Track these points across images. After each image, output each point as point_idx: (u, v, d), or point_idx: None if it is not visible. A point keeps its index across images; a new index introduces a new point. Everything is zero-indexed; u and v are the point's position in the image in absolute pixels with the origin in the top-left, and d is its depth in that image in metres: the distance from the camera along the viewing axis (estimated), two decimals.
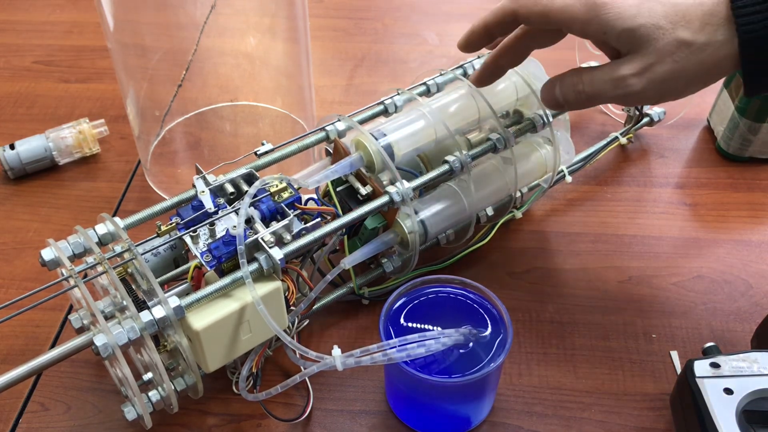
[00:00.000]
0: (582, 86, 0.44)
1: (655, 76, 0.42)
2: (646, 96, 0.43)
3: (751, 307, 0.55)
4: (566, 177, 0.62)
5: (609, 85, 0.43)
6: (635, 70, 0.42)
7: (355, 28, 0.88)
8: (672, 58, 0.41)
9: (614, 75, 0.42)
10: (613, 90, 0.43)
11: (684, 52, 0.41)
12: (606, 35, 0.42)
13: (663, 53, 0.41)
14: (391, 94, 0.56)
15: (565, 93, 0.46)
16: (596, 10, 0.42)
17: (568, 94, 0.45)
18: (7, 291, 0.58)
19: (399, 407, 0.49)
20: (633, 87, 0.42)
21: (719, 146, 0.68)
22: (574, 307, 0.55)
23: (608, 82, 0.43)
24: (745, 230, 0.61)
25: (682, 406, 0.45)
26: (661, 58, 0.41)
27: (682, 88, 0.43)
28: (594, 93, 0.44)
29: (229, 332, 0.44)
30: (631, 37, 0.41)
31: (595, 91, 0.44)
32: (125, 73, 0.64)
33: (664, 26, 0.41)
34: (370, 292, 0.55)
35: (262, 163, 0.51)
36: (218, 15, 0.65)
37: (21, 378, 0.40)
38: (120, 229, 0.44)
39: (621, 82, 0.42)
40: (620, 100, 0.44)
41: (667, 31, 0.41)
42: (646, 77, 0.42)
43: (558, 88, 0.46)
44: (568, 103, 0.46)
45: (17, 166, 0.67)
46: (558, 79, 0.46)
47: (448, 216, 0.54)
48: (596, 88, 0.44)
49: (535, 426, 0.48)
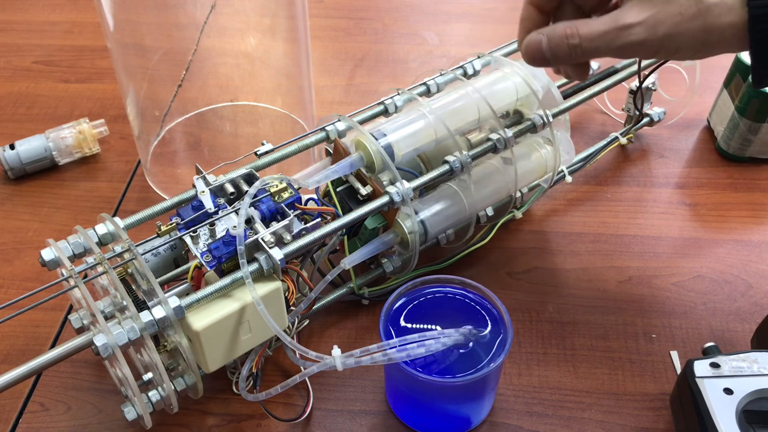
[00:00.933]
0: (577, 40, 0.42)
1: (659, 26, 0.40)
2: (645, 47, 0.41)
3: (751, 307, 0.55)
4: (566, 177, 0.62)
5: (611, 35, 0.41)
6: (641, 17, 0.40)
7: (355, 28, 0.88)
8: (679, 10, 0.39)
9: (618, 23, 0.41)
10: (614, 40, 0.41)
11: (693, 7, 0.39)
12: None
13: (674, 5, 0.39)
14: (391, 94, 0.56)
15: (556, 48, 0.43)
16: None
17: (559, 49, 0.43)
18: (7, 291, 0.58)
19: (399, 407, 0.49)
20: (635, 36, 0.40)
21: (719, 146, 0.68)
22: (574, 307, 0.55)
23: (610, 32, 0.41)
24: (745, 230, 0.61)
25: (682, 406, 0.45)
26: (671, 9, 0.39)
27: (680, 46, 0.41)
28: (592, 47, 0.42)
29: (229, 332, 0.44)
30: None
31: (594, 44, 0.42)
32: (125, 73, 0.64)
33: None
34: (370, 292, 0.55)
35: (262, 163, 0.51)
36: (218, 15, 0.65)
37: (21, 378, 0.40)
38: (120, 229, 0.44)
39: (624, 32, 0.40)
40: (618, 52, 0.42)
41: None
42: (650, 25, 0.40)
43: (546, 42, 0.43)
44: (556, 59, 0.43)
45: (17, 166, 0.67)
46: (546, 32, 0.43)
47: (448, 216, 0.54)
48: (595, 40, 0.41)
49: (535, 426, 0.48)
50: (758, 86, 0.42)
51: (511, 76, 0.56)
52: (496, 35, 0.84)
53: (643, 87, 0.63)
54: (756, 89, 0.42)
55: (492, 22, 0.88)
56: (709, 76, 0.74)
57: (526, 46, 0.44)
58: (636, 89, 0.64)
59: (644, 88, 0.64)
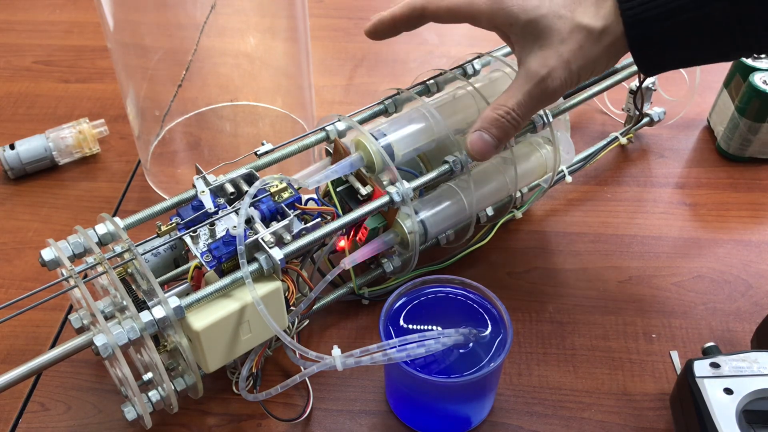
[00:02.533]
0: (512, 113, 0.44)
1: (570, 63, 0.43)
2: (568, 85, 0.44)
3: (751, 307, 0.55)
4: (566, 177, 0.62)
5: (536, 91, 0.44)
6: (551, 63, 0.43)
7: (355, 28, 0.88)
8: (578, 44, 0.42)
9: (535, 78, 0.43)
10: (542, 93, 0.44)
11: (587, 38, 0.42)
12: (512, 27, 0.44)
13: (568, 40, 0.42)
14: (391, 94, 0.56)
15: (499, 132, 0.45)
16: (500, 3, 0.43)
17: (502, 130, 0.45)
18: (7, 291, 0.58)
19: (399, 407, 0.49)
20: (557, 80, 0.43)
21: (719, 146, 0.68)
22: (574, 307, 0.55)
23: (534, 89, 0.44)
24: (745, 230, 0.61)
25: (682, 406, 0.45)
26: (568, 45, 0.42)
27: (596, 69, 0.44)
28: (527, 110, 0.45)
29: (229, 332, 0.44)
30: (536, 27, 0.43)
31: (527, 107, 0.44)
32: (125, 73, 0.64)
33: (564, 15, 0.42)
34: (370, 292, 0.55)
35: (262, 163, 0.51)
36: (218, 15, 0.65)
37: (21, 378, 0.40)
38: (120, 229, 0.44)
39: (545, 82, 0.43)
40: (548, 100, 0.45)
41: (568, 18, 0.42)
42: (563, 67, 0.43)
43: (488, 134, 0.45)
44: (504, 139, 0.46)
45: (17, 166, 0.67)
46: (480, 125, 0.46)
47: (448, 216, 0.54)
48: (526, 103, 0.44)
49: (535, 426, 0.48)
50: (646, 74, 0.46)
51: (511, 76, 0.56)
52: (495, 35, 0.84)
53: (643, 87, 0.63)
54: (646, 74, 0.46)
55: None
56: (709, 76, 0.74)
57: (472, 148, 0.46)
58: (636, 89, 0.64)
59: (644, 88, 0.64)
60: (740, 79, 0.64)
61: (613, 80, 0.63)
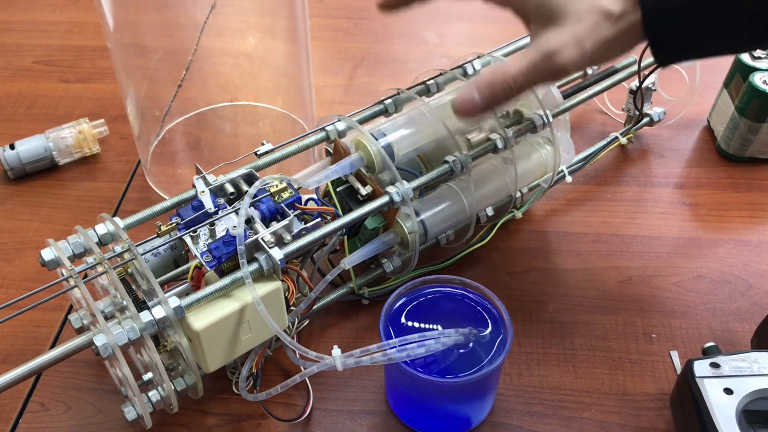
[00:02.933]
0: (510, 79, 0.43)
1: (584, 42, 0.42)
2: (577, 65, 0.42)
3: (751, 307, 0.55)
4: (566, 177, 0.62)
5: (542, 64, 0.42)
6: (564, 38, 0.42)
7: (355, 28, 0.88)
8: (595, 25, 0.41)
9: (545, 51, 0.42)
10: (547, 67, 0.42)
11: (604, 19, 0.41)
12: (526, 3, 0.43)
13: (584, 19, 0.41)
14: (391, 94, 0.56)
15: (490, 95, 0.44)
16: None
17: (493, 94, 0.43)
18: (7, 291, 0.58)
19: (399, 407, 0.49)
20: (567, 57, 0.42)
21: (719, 146, 0.68)
22: (574, 307, 0.55)
23: (540, 61, 0.42)
24: (745, 230, 0.61)
25: (682, 406, 0.45)
26: (583, 24, 0.41)
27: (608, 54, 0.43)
28: (527, 80, 0.43)
29: (229, 332, 0.44)
30: (551, 4, 0.42)
31: (528, 77, 0.43)
32: (125, 73, 0.64)
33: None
34: (370, 292, 0.55)
35: (262, 163, 0.51)
36: (218, 15, 0.65)
37: (21, 378, 0.40)
38: (120, 229, 0.44)
39: (554, 56, 0.42)
40: (551, 77, 0.43)
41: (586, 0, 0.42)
42: (576, 44, 0.42)
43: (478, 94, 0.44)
44: (493, 103, 0.44)
45: (17, 166, 0.67)
46: (475, 82, 0.44)
47: (448, 216, 0.54)
48: (528, 72, 0.43)
49: (535, 426, 0.48)
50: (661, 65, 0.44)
51: None
52: (496, 35, 0.84)
53: (643, 87, 0.63)
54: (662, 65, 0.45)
55: (492, 22, 0.88)
56: (709, 76, 0.74)
57: (459, 103, 0.44)
58: (636, 89, 0.64)
59: (644, 88, 0.64)
60: (740, 79, 0.64)
61: (613, 80, 0.63)
